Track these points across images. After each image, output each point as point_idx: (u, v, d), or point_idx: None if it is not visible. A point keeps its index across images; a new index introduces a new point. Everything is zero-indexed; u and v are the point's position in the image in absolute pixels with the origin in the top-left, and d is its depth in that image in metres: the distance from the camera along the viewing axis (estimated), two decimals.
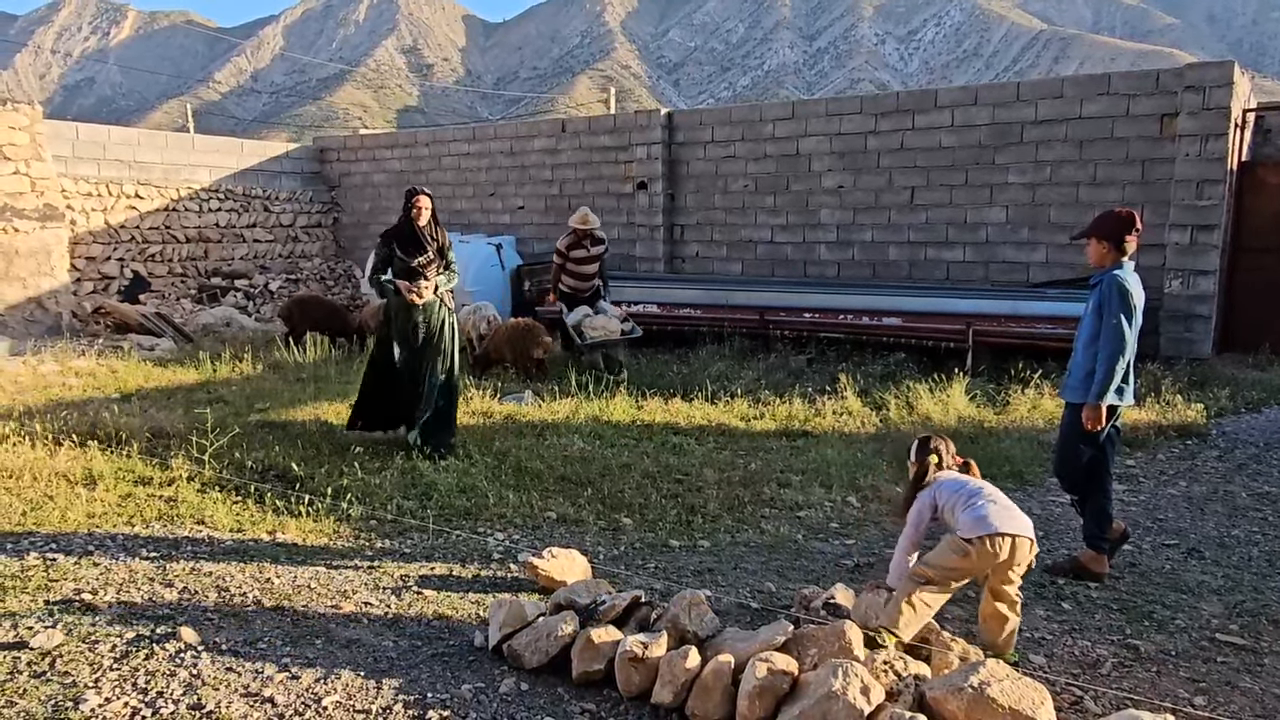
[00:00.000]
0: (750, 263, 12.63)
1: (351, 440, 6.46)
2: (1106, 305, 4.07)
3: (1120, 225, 4.13)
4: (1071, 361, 4.33)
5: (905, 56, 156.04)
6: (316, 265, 16.47)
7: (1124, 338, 4.02)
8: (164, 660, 3.16)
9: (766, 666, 2.80)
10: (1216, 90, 9.45)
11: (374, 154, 16.75)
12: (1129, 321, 4.04)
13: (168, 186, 14.60)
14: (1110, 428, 4.22)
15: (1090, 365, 4.14)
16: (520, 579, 4.03)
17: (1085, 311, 4.27)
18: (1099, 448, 4.26)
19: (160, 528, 4.66)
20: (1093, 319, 4.17)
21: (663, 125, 13.10)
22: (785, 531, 4.86)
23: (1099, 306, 4.13)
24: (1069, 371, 4.33)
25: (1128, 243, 4.14)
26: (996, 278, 10.86)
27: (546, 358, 9.22)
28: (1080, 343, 4.25)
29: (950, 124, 11.02)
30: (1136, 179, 9.98)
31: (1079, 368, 4.22)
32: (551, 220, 14.45)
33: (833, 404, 7.65)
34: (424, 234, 6.13)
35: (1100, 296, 4.13)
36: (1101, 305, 4.11)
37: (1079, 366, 4.22)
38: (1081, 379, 4.18)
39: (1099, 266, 4.24)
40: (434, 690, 3.02)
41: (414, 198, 6.15)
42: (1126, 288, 4.06)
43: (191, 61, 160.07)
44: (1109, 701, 3.05)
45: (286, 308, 11.30)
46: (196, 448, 5.73)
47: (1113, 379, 4.05)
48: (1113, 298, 4.06)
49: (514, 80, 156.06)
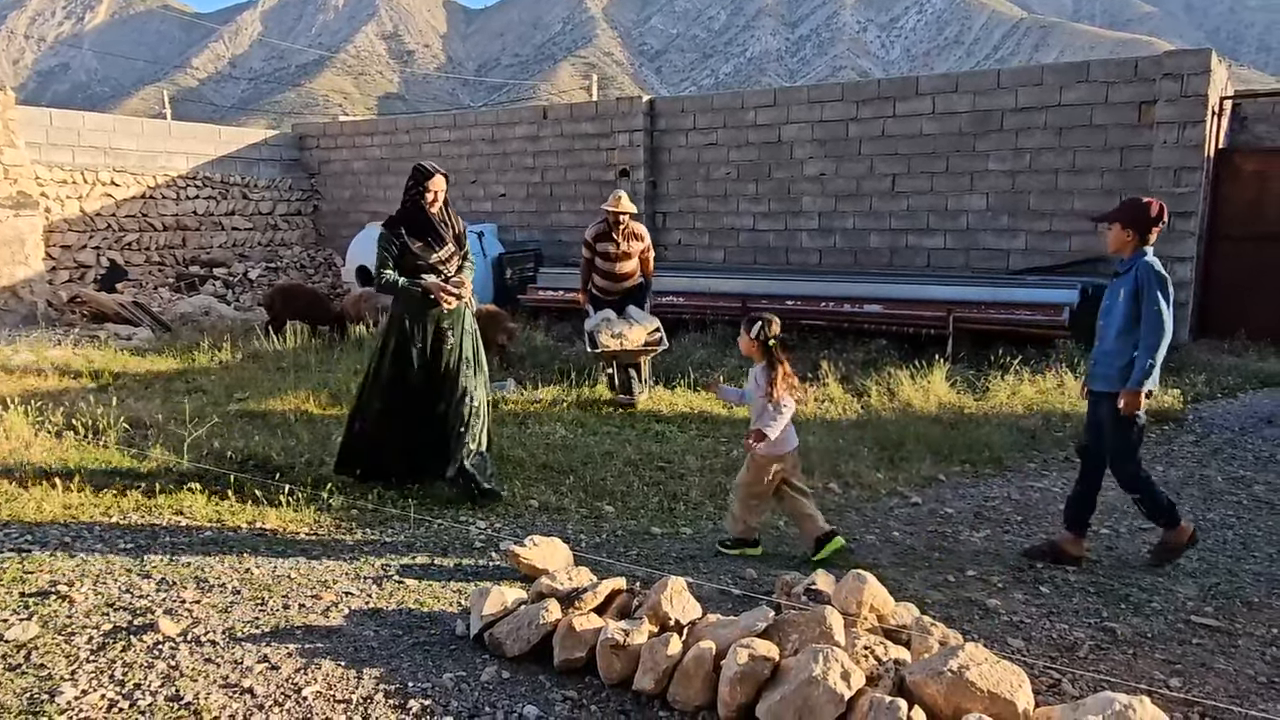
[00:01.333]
0: (732, 250, 12.63)
1: (332, 429, 6.42)
2: (1145, 292, 4.01)
3: (1150, 217, 4.08)
4: (1098, 351, 4.25)
5: (887, 44, 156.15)
6: (296, 253, 16.34)
7: (1165, 324, 3.99)
8: (142, 652, 3.13)
9: (748, 653, 2.81)
10: (1194, 78, 9.51)
11: (354, 141, 16.61)
12: (1169, 307, 4.01)
13: (144, 174, 14.43)
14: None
15: (1127, 354, 4.08)
16: (502, 567, 4.02)
17: (1114, 300, 4.18)
18: (1139, 433, 4.24)
19: (138, 519, 4.61)
20: (1126, 306, 4.09)
21: (645, 112, 13.06)
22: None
23: (1134, 294, 4.06)
24: (1095, 361, 4.26)
25: (1153, 234, 4.12)
26: (977, 264, 10.91)
27: (511, 345, 9.22)
28: (1112, 331, 4.16)
29: (931, 111, 11.05)
30: (1115, 166, 10.04)
31: (1113, 356, 4.14)
32: (533, 208, 14.40)
33: (814, 391, 7.67)
34: (440, 222, 5.05)
35: (1136, 283, 4.05)
36: (1138, 292, 4.04)
37: (1113, 355, 4.14)
38: (1120, 368, 4.11)
39: (1116, 253, 4.20)
40: (415, 679, 3.01)
41: (427, 180, 4.95)
42: (1164, 274, 4.05)
43: (168, 47, 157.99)
44: (1086, 684, 3.08)
45: (269, 296, 11.21)
46: (175, 438, 5.68)
47: (1157, 366, 4.02)
48: (1151, 284, 4.00)
49: (496, 67, 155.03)
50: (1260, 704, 3.01)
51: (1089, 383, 4.34)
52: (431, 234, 5.02)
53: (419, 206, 4.99)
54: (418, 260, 4.97)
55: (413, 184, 5.00)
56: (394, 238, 5.00)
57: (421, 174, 4.98)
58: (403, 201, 5.05)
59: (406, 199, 5.03)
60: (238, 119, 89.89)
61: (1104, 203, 10.13)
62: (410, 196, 5.01)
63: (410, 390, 5.00)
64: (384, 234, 5.03)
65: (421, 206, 4.98)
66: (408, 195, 5.02)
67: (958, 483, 5.59)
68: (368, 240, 13.97)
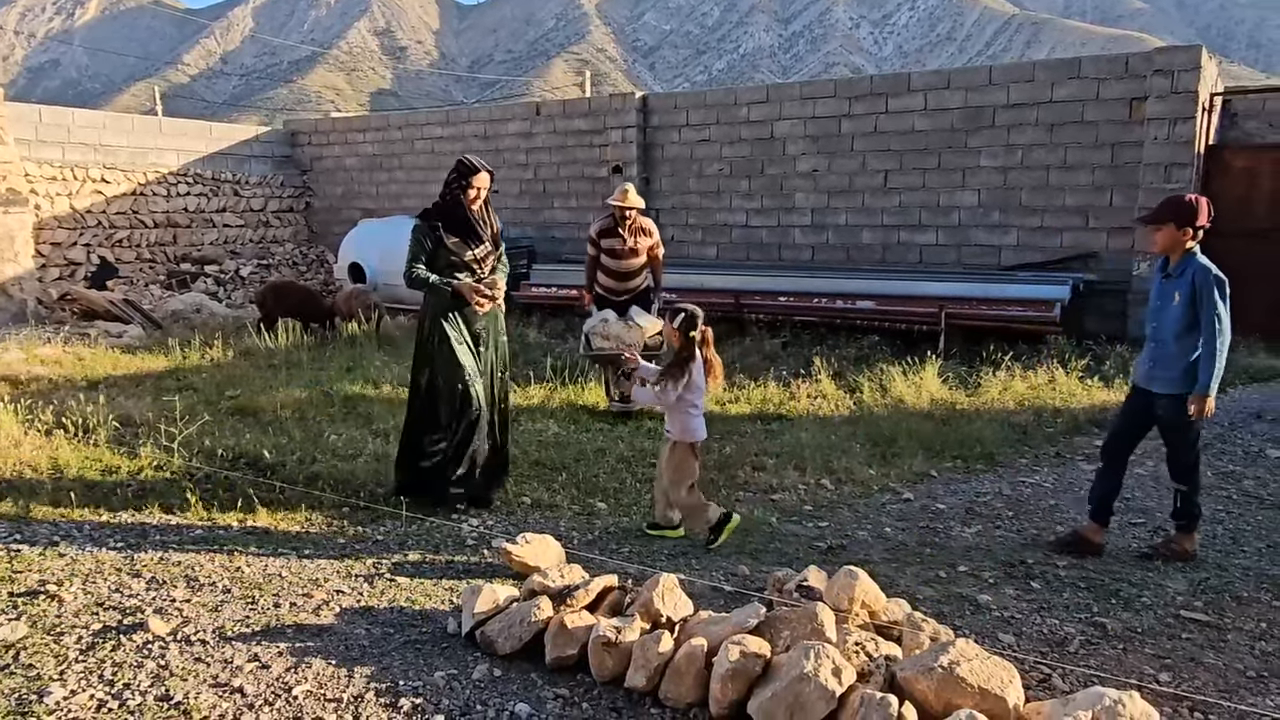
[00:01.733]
0: (725, 246, 12.62)
1: (324, 427, 6.41)
2: (1204, 296, 4.02)
3: (1199, 215, 4.07)
4: (1156, 352, 4.24)
5: (880, 40, 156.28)
6: (288, 250, 16.29)
7: (1226, 327, 4.02)
8: (131, 651, 3.12)
9: (739, 649, 2.81)
10: (1184, 74, 9.53)
11: (346, 137, 16.55)
12: (1228, 308, 4.04)
13: (135, 170, 14.36)
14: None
15: (1187, 356, 4.10)
16: (494, 565, 4.02)
17: (1166, 302, 4.18)
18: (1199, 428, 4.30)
19: (128, 517, 4.60)
20: (1184, 309, 4.09)
21: (637, 109, 13.04)
22: (759, 514, 4.88)
23: (1191, 298, 4.06)
24: (1152, 362, 4.26)
25: (1200, 231, 4.12)
26: (969, 261, 10.93)
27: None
28: (1169, 333, 4.15)
29: (923, 107, 11.05)
30: (1106, 162, 10.06)
31: (1174, 359, 4.14)
32: (526, 205, 14.37)
33: (807, 387, 7.68)
34: (479, 220, 4.79)
35: (1192, 287, 4.06)
36: (1194, 296, 4.05)
37: (1174, 357, 4.14)
38: (1183, 370, 4.12)
39: (1164, 253, 4.20)
40: (406, 678, 3.00)
41: (471, 176, 4.67)
42: (1221, 276, 4.06)
43: (159, 43, 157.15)
44: (1077, 679, 3.09)
45: (261, 294, 11.17)
46: (165, 436, 5.66)
47: (1221, 368, 4.04)
48: (1210, 288, 4.02)
49: (488, 63, 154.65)
50: (1250, 698, 3.03)
51: (1145, 383, 4.32)
52: (469, 232, 4.75)
53: (459, 202, 4.72)
54: (452, 256, 4.70)
55: (455, 178, 4.72)
56: (429, 231, 4.70)
57: (466, 169, 4.70)
58: (441, 194, 4.77)
59: (446, 193, 4.75)
60: (229, 115, 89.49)
61: (1095, 199, 10.17)
62: (451, 191, 4.73)
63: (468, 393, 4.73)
64: (419, 226, 4.73)
65: (461, 202, 4.71)
66: (448, 189, 4.74)
67: (949, 478, 5.60)
68: (360, 237, 13.94)
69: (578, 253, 13.23)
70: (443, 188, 4.79)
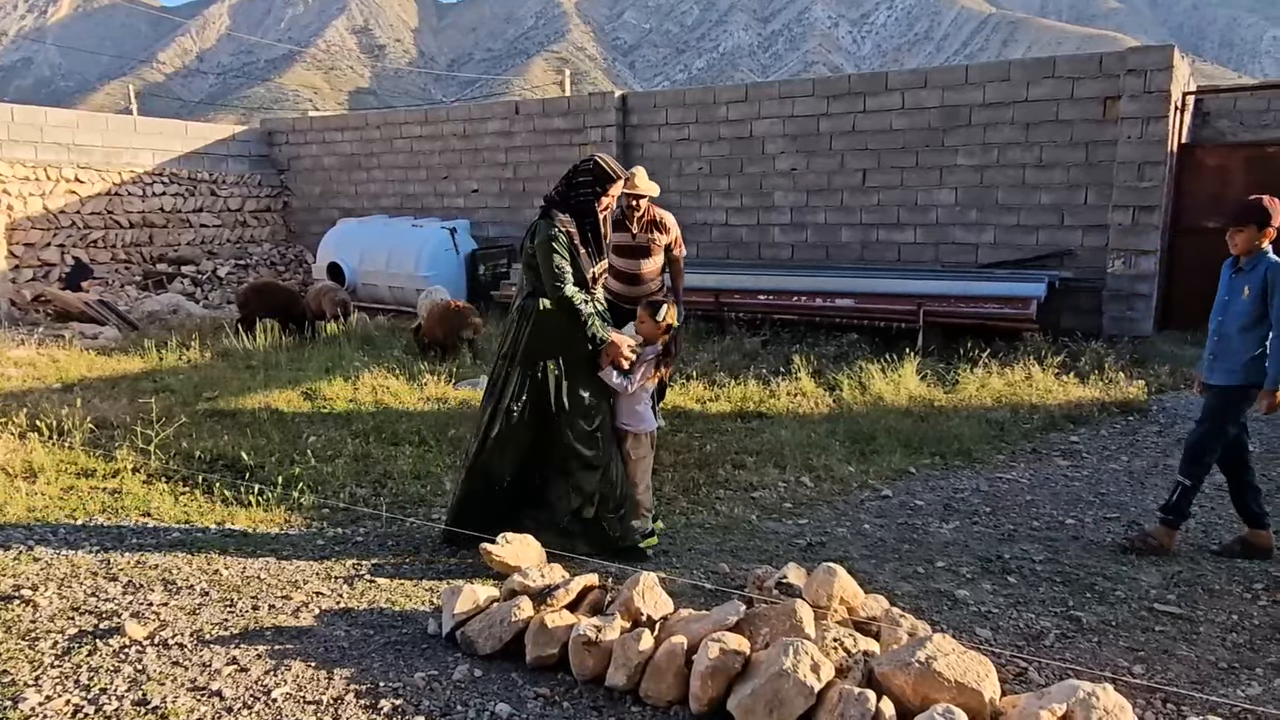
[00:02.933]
0: (705, 245, 12.65)
1: (303, 428, 6.37)
2: (1274, 292, 4.11)
3: (1271, 212, 4.16)
4: (1218, 346, 4.33)
5: (858, 39, 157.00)
6: (266, 250, 16.16)
7: None
8: (107, 656, 3.10)
9: (719, 647, 2.83)
10: (1157, 74, 9.64)
11: (324, 136, 16.45)
12: None
13: (109, 170, 14.20)
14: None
15: (1250, 349, 4.18)
16: (474, 565, 4.01)
17: (1234, 295, 4.27)
18: (1242, 427, 4.36)
19: (104, 520, 4.56)
20: (1252, 303, 4.19)
21: (617, 108, 13.04)
22: (739, 512, 4.90)
23: (1262, 292, 4.16)
24: (1214, 355, 4.34)
25: (1273, 230, 4.20)
26: (946, 259, 11.01)
27: (477, 338, 9.24)
28: (1235, 328, 4.25)
29: (901, 106, 11.11)
30: (1081, 161, 10.17)
31: (1237, 353, 4.23)
32: (505, 204, 14.34)
33: (787, 385, 7.71)
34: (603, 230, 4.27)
35: (1264, 282, 4.15)
36: (1265, 290, 4.14)
37: (1237, 352, 4.23)
38: (1245, 363, 4.20)
39: (1242, 253, 4.28)
40: (386, 679, 3.00)
41: (609, 184, 4.14)
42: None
43: (134, 41, 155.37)
44: (1052, 672, 3.13)
45: (242, 294, 11.08)
46: (142, 438, 5.61)
47: None
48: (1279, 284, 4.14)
49: (468, 62, 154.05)
50: (1221, 689, 3.08)
51: (1209, 376, 4.40)
52: (596, 244, 4.19)
53: (591, 209, 4.14)
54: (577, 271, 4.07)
55: (590, 181, 4.10)
56: (569, 240, 4.03)
57: (604, 176, 4.11)
58: (566, 195, 4.13)
59: (576, 195, 4.12)
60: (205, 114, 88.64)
61: (1070, 197, 10.27)
62: (582, 194, 4.11)
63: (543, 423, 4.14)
64: (557, 234, 4.00)
65: (594, 209, 4.14)
66: (578, 192, 4.11)
67: (927, 475, 5.65)
68: (340, 236, 13.87)
69: None
70: (564, 186, 4.16)
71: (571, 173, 4.17)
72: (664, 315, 4.35)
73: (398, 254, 12.93)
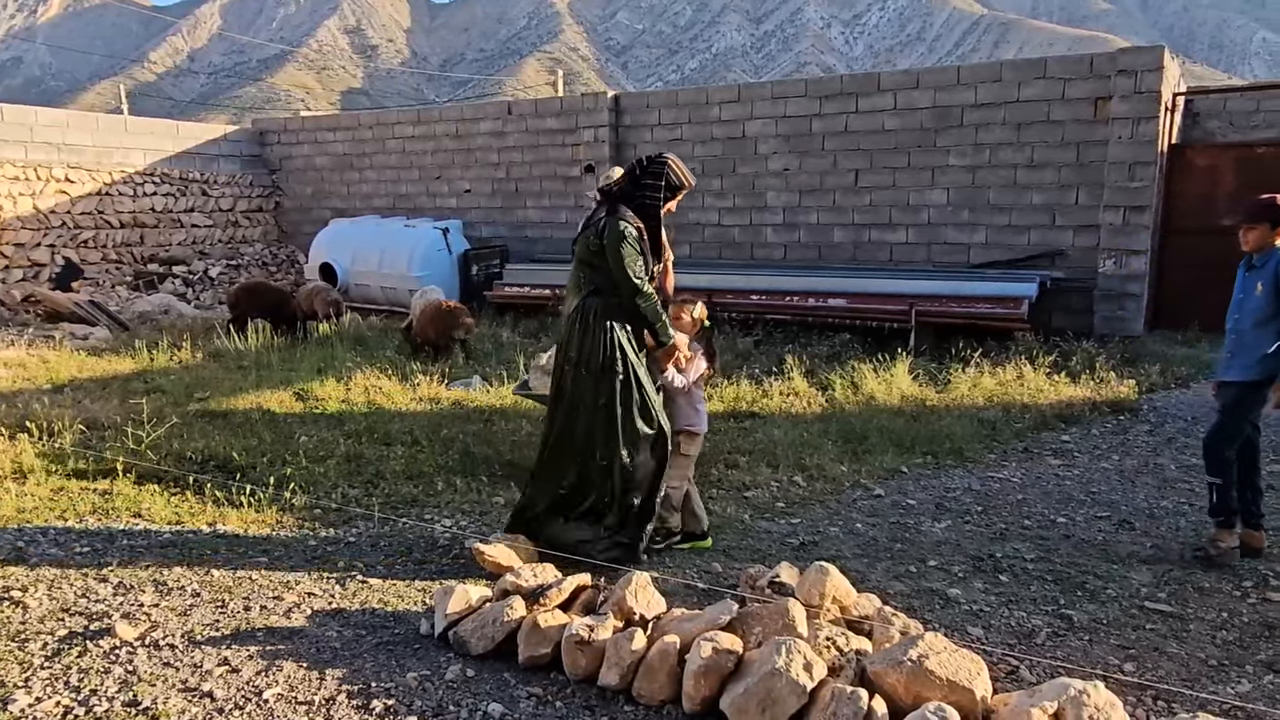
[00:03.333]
0: (698, 245, 12.66)
1: (295, 429, 6.35)
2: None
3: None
4: (1234, 344, 4.35)
5: (850, 40, 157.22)
6: (258, 250, 16.12)
7: None
8: (98, 657, 3.09)
9: (711, 646, 2.83)
10: (1147, 75, 9.69)
11: (316, 136, 16.41)
12: None
13: (100, 170, 14.15)
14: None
15: (1265, 344, 4.20)
16: (467, 565, 4.01)
17: (1249, 293, 4.31)
18: (1255, 428, 4.39)
19: (94, 522, 4.54)
20: (1266, 300, 4.22)
21: (609, 108, 13.04)
22: (732, 512, 4.91)
23: (1275, 286, 4.19)
24: (1230, 353, 4.37)
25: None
26: (938, 259, 11.04)
27: (469, 338, 9.25)
28: (1248, 324, 4.28)
29: (893, 107, 11.14)
30: (1071, 161, 10.21)
31: (1250, 348, 4.26)
32: (498, 204, 14.33)
33: (779, 385, 7.72)
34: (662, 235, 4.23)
35: (1275, 278, 4.18)
36: (1278, 286, 4.17)
37: (1250, 347, 4.26)
38: (1257, 359, 4.23)
39: (1254, 250, 4.31)
40: (378, 679, 2.99)
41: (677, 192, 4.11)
42: None
43: (125, 41, 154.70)
44: (1043, 670, 3.14)
45: (234, 295, 11.05)
46: (133, 439, 5.59)
47: None
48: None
49: (460, 62, 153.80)
50: (1211, 686, 3.09)
51: (1224, 375, 4.42)
52: (658, 248, 4.13)
53: (654, 213, 4.05)
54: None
55: (661, 184, 4.02)
56: (639, 239, 3.95)
57: (673, 184, 4.05)
58: (634, 196, 4.03)
59: (641, 195, 4.03)
60: (197, 114, 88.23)
61: (1061, 197, 10.31)
62: (649, 197, 4.02)
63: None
64: (631, 231, 3.91)
65: (656, 214, 4.06)
66: (647, 196, 4.02)
67: (919, 474, 5.66)
68: (332, 237, 13.84)
69: (550, 252, 13.24)
70: (629, 183, 4.08)
71: (637, 170, 4.06)
72: (699, 312, 4.45)
73: (390, 254, 12.91)
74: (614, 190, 4.06)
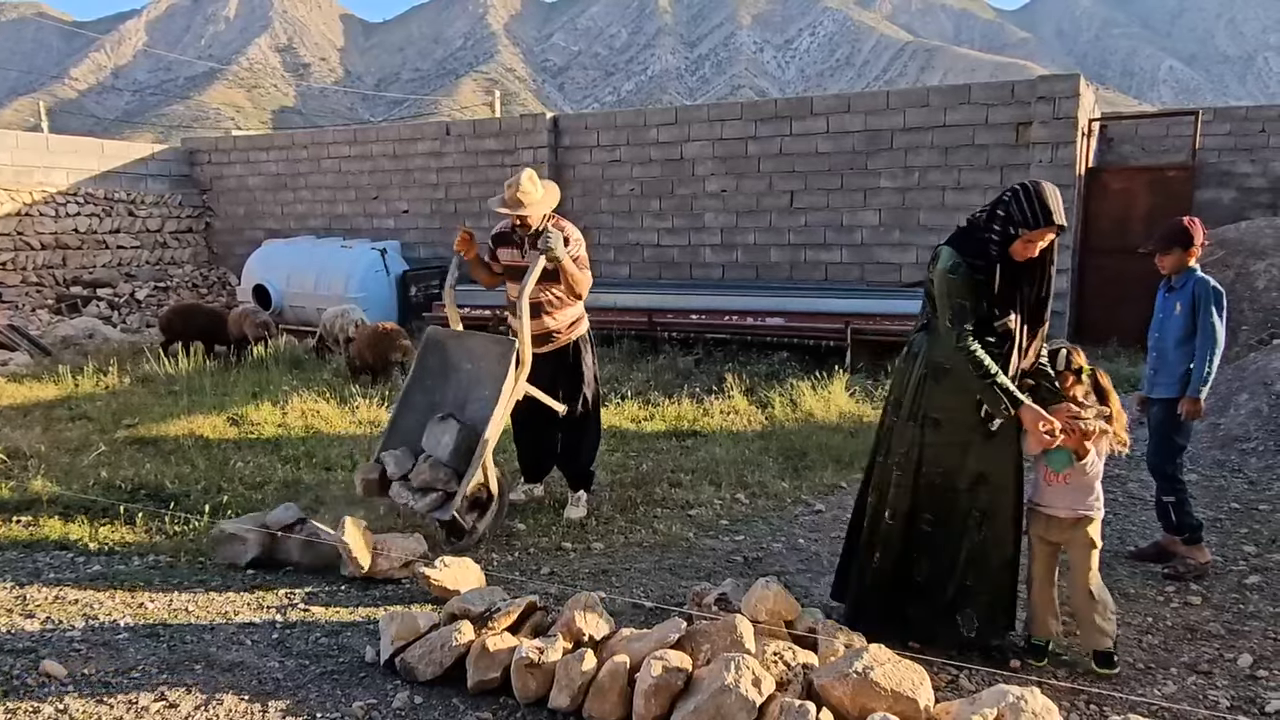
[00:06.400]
0: (637, 265, 12.75)
1: (230, 455, 6.21)
2: (1202, 306, 4.30)
3: (1193, 234, 4.35)
4: (1157, 361, 4.51)
5: (782, 64, 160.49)
6: (188, 272, 15.71)
7: (1219, 336, 4.29)
8: (26, 697, 2.97)
9: (661, 664, 2.85)
10: (1065, 101, 10.11)
11: (248, 156, 16.10)
12: (1222, 320, 4.31)
13: (19, 190, 13.65)
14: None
15: (1185, 363, 4.36)
16: (412, 590, 3.97)
17: (1168, 314, 4.46)
18: (1187, 439, 4.53)
19: (17, 555, 4.36)
20: (1184, 319, 4.37)
21: (549, 129, 13.09)
22: (677, 530, 4.94)
23: (1192, 307, 4.34)
24: (1154, 370, 4.54)
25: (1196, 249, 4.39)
26: (872, 278, 11.31)
27: (407, 360, 9.14)
28: (1169, 342, 4.44)
29: (826, 130, 11.42)
30: (996, 184, 10.56)
31: (1172, 366, 4.42)
32: (437, 225, 14.22)
33: (720, 403, 7.80)
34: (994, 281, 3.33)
35: (1193, 298, 4.34)
36: (1195, 306, 4.33)
37: (1172, 365, 4.42)
38: (1179, 376, 4.39)
39: (1172, 274, 4.46)
40: (323, 709, 2.94)
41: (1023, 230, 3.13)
42: (1220, 289, 4.34)
43: (45, 56, 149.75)
44: (981, 679, 3.24)
45: (167, 317, 10.75)
46: (58, 467, 5.39)
47: (1212, 373, 4.30)
48: (1208, 299, 4.29)
49: (395, 82, 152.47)
50: (1139, 689, 3.22)
51: (1149, 392, 4.60)
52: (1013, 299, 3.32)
53: (988, 254, 3.23)
54: (987, 336, 3.28)
55: (1004, 218, 3.20)
56: (974, 281, 3.21)
57: (1018, 218, 3.15)
58: (976, 233, 3.28)
59: (991, 233, 3.22)
60: (121, 132, 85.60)
61: None
62: (994, 233, 3.22)
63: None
64: (964, 269, 3.23)
65: (990, 254, 3.23)
66: (995, 232, 3.22)
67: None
68: (265, 258, 13.56)
69: None
70: (985, 212, 3.30)
71: (1000, 199, 3.28)
72: (1075, 360, 3.61)
73: (326, 275, 12.71)
74: (971, 219, 3.40)
